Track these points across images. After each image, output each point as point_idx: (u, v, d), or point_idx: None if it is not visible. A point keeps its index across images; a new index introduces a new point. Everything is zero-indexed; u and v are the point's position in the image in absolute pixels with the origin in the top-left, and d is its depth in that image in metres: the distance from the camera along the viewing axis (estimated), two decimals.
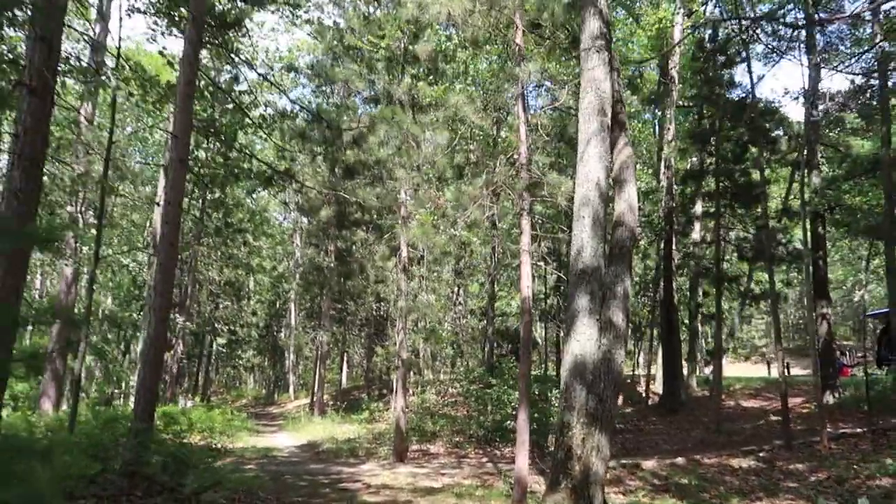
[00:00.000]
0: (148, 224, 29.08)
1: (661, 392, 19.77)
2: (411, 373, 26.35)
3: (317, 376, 25.70)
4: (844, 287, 46.33)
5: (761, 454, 12.51)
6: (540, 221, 10.05)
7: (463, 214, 8.42)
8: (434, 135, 8.57)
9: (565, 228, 11.01)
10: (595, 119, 8.37)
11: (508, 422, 15.33)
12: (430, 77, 12.63)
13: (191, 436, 16.60)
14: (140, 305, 26.55)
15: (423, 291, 18.88)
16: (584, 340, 7.77)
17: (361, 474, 11.76)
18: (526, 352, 9.52)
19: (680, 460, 12.65)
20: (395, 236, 13.55)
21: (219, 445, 16.05)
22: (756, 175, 15.91)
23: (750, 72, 14.38)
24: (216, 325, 30.34)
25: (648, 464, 12.28)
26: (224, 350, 37.45)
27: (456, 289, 29.98)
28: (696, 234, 19.63)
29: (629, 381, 23.39)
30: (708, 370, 25.96)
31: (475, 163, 10.13)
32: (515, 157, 8.36)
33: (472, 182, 8.77)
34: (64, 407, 18.89)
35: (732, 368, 32.69)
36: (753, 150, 16.48)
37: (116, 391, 25.52)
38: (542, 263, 9.32)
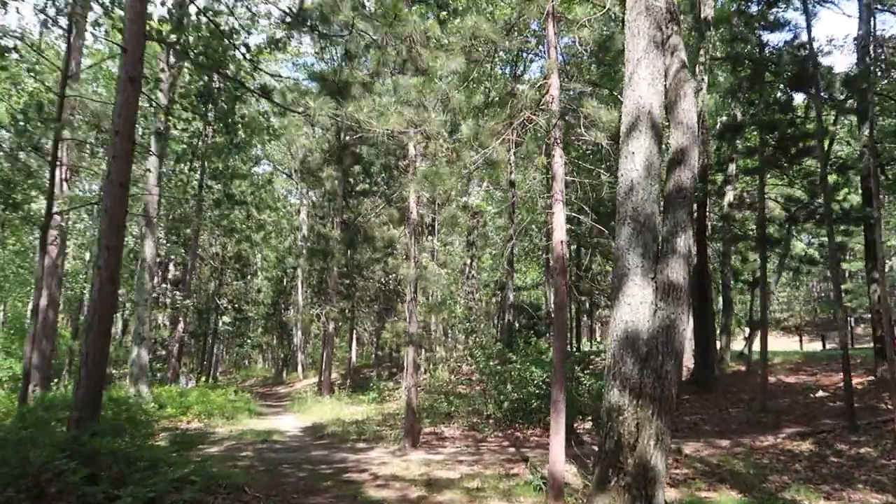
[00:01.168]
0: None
1: (691, 367, 18.29)
2: (422, 350, 25.07)
3: (324, 354, 24.45)
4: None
5: (821, 436, 11.06)
6: (573, 166, 8.54)
7: (482, 154, 6.90)
8: (447, 61, 7.06)
9: (606, 172, 9.49)
10: (645, 34, 6.79)
11: (533, 401, 13.96)
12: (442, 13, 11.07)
13: (186, 419, 15.42)
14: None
15: (433, 263, 17.44)
16: (636, 304, 6.30)
17: (369, 462, 10.44)
18: (560, 322, 8.07)
19: (725, 443, 11.23)
20: (403, 198, 12.08)
21: (215, 428, 14.83)
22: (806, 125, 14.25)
23: (805, 4, 12.61)
24: (220, 302, 29.10)
25: (692, 447, 10.88)
26: (231, 328, 36.32)
27: (469, 261, 28.55)
28: (730, 196, 17.99)
29: None
30: (738, 343, 24.48)
31: (496, 102, 8.61)
32: (545, 81, 6.82)
33: (494, 114, 7.27)
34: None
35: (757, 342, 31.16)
36: (799, 99, 14.81)
37: (114, 371, 24.36)
38: (578, 215, 7.88)
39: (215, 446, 12.31)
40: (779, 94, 14.34)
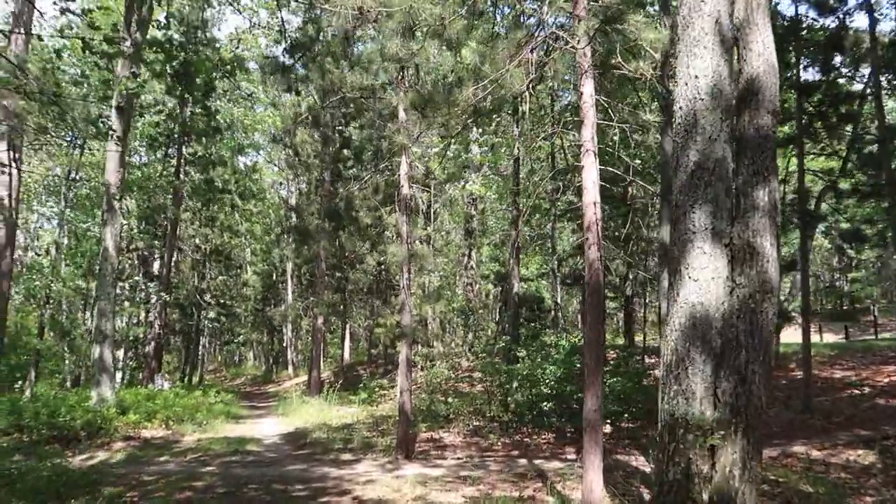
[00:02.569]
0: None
1: None
2: (417, 345, 23.37)
3: (313, 352, 22.71)
4: None
5: (887, 443, 9.39)
6: (607, 106, 6.82)
7: (492, 78, 5.22)
8: None
9: (649, 116, 7.76)
10: None
11: (545, 403, 12.25)
12: None
13: (151, 426, 13.69)
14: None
15: (428, 246, 15.70)
16: (705, 280, 4.60)
17: (353, 479, 8.73)
18: (596, 308, 6.36)
19: (774, 452, 9.55)
20: (393, 168, 10.41)
21: (183, 436, 13.10)
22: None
23: None
24: (203, 297, 27.29)
25: None
26: (218, 325, 34.52)
27: (467, 251, 26.81)
28: None
29: None
30: None
31: (509, 26, 6.89)
32: None
33: (508, 35, 5.60)
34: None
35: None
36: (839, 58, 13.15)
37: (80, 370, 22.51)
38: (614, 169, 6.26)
39: (176, 459, 10.59)
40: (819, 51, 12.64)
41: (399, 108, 10.22)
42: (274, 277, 37.91)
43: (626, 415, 11.67)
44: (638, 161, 14.97)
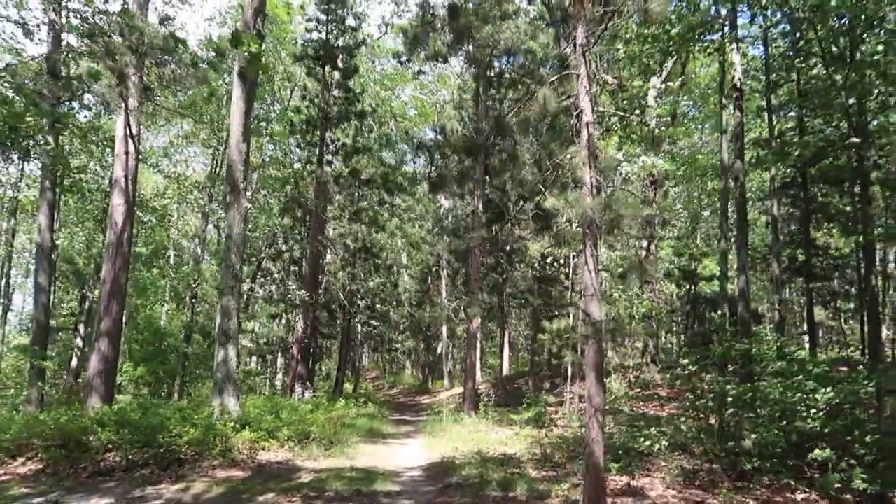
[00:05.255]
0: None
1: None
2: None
3: (467, 360, 19.68)
4: None
5: None
6: None
7: None
8: None
9: None
10: None
11: (810, 445, 7.94)
12: None
13: (271, 446, 11.28)
14: None
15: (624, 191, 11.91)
16: None
17: None
18: None
19: None
20: (568, 79, 6.96)
21: (304, 461, 10.50)
22: None
23: None
24: (352, 299, 25.43)
25: None
26: (372, 329, 32.94)
27: (646, 243, 22.33)
28: None
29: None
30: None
31: None
32: None
33: None
34: None
35: None
36: None
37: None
38: None
39: (281, 499, 7.88)
40: None
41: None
42: (429, 281, 35.81)
43: None
44: None
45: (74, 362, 20.66)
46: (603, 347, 6.95)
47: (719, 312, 13.29)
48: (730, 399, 8.94)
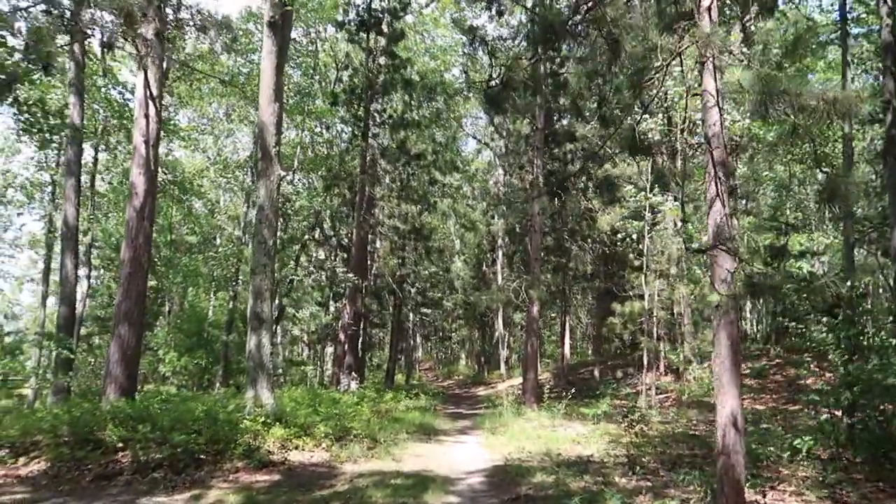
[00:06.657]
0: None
1: None
2: (661, 342, 17.34)
3: (527, 348, 17.86)
4: None
5: None
6: None
7: None
8: None
9: None
10: None
11: None
12: None
13: (306, 444, 9.75)
14: None
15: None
16: None
17: None
18: None
19: None
20: None
21: (343, 463, 8.92)
22: None
23: None
24: (402, 285, 23.88)
25: None
26: (425, 317, 31.38)
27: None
28: None
29: None
30: None
31: None
32: None
33: None
34: None
35: None
36: None
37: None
38: None
39: None
40: None
41: None
42: (483, 266, 33.99)
43: None
44: None
45: None
46: (737, 320, 5.03)
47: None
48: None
